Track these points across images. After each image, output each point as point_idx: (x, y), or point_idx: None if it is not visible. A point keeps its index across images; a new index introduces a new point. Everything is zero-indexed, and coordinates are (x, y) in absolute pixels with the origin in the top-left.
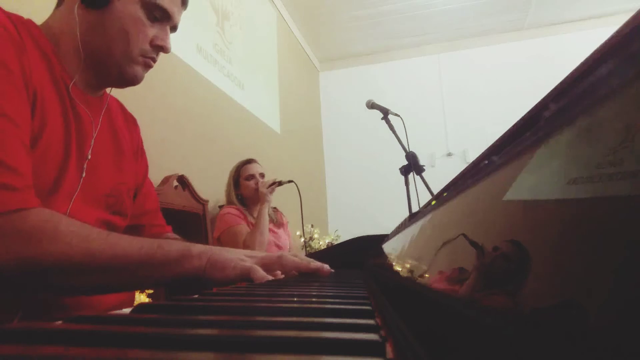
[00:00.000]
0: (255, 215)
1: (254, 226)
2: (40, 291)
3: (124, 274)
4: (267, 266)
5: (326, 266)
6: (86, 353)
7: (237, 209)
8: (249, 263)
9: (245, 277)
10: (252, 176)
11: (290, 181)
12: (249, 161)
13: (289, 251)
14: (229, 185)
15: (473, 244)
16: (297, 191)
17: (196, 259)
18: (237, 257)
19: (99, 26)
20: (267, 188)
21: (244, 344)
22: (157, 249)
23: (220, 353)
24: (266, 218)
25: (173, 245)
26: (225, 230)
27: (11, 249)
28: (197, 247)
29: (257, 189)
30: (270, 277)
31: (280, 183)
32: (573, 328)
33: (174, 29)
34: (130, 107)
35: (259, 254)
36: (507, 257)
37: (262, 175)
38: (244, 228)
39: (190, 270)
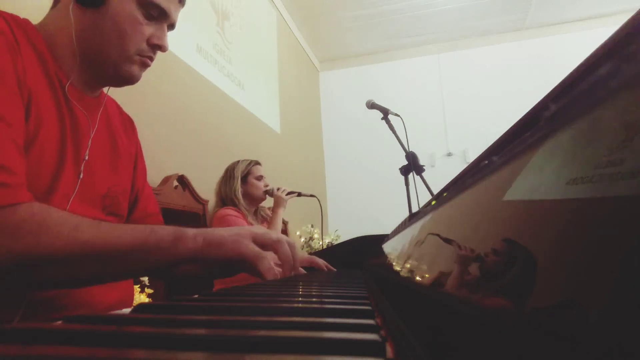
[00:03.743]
0: (251, 216)
1: (269, 228)
2: (34, 286)
3: (117, 262)
4: (262, 245)
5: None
6: (86, 353)
7: (236, 210)
8: (252, 245)
9: (251, 261)
10: (262, 177)
11: (312, 195)
12: (258, 162)
13: None
14: (233, 180)
15: (473, 244)
16: (302, 196)
17: (191, 241)
18: (235, 233)
19: (94, 25)
20: (286, 195)
21: (244, 344)
22: (150, 233)
23: (220, 353)
24: (280, 221)
25: (167, 229)
26: None
27: (1, 243)
28: (192, 230)
29: (266, 191)
30: (278, 270)
31: (300, 194)
32: (573, 328)
33: (171, 27)
34: (131, 107)
35: (259, 229)
36: (507, 257)
37: (264, 178)
38: None
39: (186, 252)
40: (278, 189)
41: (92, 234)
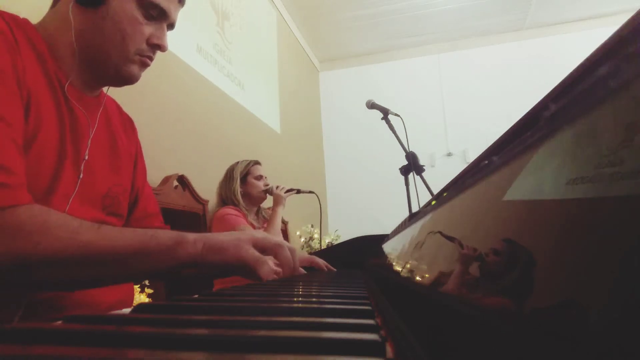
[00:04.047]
0: (252, 217)
1: (269, 227)
2: (34, 288)
3: (117, 265)
4: (262, 250)
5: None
6: (86, 353)
7: (236, 209)
8: (252, 250)
9: (250, 266)
10: (261, 177)
11: (311, 192)
12: (258, 162)
13: None
14: (232, 181)
15: (473, 244)
16: (303, 196)
17: (191, 246)
18: (235, 238)
19: (94, 25)
20: (285, 193)
21: (244, 344)
22: (150, 238)
23: (220, 353)
24: (280, 219)
25: (167, 233)
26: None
27: (1, 245)
28: (192, 234)
29: (266, 190)
30: (277, 270)
31: (299, 191)
32: (573, 328)
33: (171, 26)
34: (131, 107)
35: (258, 233)
36: (507, 257)
37: (266, 178)
38: (246, 228)
39: (186, 257)
40: (277, 187)
41: (91, 237)
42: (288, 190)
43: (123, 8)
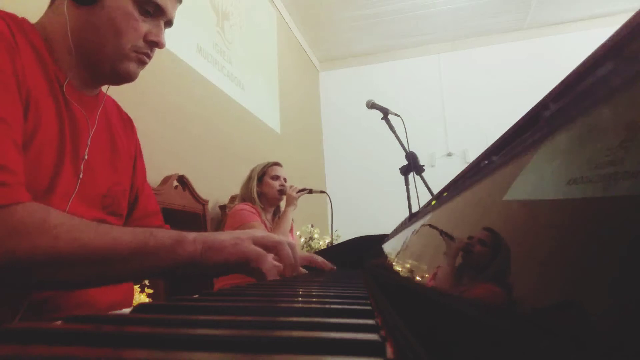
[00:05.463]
0: (268, 216)
1: (277, 226)
2: (33, 287)
3: (116, 264)
4: (263, 248)
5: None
6: (86, 353)
7: (252, 207)
8: (253, 246)
9: (252, 262)
10: (278, 177)
11: (322, 191)
12: (277, 163)
13: None
14: (250, 180)
15: (472, 244)
16: (305, 196)
17: (190, 244)
18: (234, 236)
19: (89, 23)
20: (297, 193)
21: (244, 344)
22: (149, 236)
23: (220, 353)
24: (289, 220)
25: (166, 232)
26: (240, 227)
27: (0, 244)
28: (191, 234)
29: (280, 191)
30: (279, 266)
31: (311, 191)
32: (572, 328)
33: (169, 23)
34: (131, 107)
35: (258, 232)
36: (507, 258)
37: (285, 179)
38: (258, 225)
39: (185, 256)
40: (290, 187)
41: (90, 236)
42: (300, 190)
43: (118, 4)
